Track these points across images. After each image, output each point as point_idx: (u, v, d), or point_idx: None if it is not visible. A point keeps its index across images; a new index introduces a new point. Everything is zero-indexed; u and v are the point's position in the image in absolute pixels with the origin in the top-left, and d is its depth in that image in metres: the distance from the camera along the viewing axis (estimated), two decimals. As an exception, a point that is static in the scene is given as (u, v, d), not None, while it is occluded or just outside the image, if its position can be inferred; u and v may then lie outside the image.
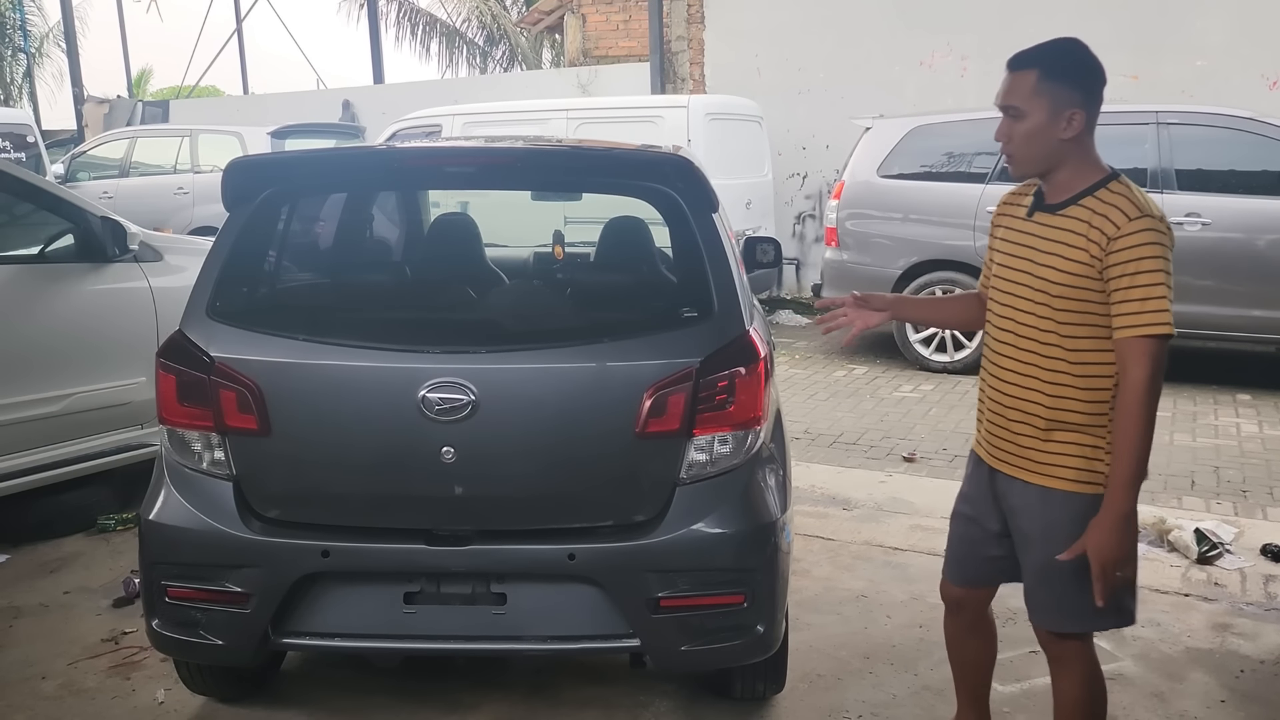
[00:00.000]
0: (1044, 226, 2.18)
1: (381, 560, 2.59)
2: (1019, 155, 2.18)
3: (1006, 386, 2.26)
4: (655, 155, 2.96)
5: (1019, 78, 2.14)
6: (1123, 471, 2.06)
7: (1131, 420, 2.04)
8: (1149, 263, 2.01)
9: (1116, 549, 2.06)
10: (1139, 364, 2.03)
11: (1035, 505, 2.23)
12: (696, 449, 2.55)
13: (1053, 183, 2.18)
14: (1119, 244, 2.03)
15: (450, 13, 22.93)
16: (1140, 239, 2.02)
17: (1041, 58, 2.14)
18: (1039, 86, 2.11)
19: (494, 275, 3.55)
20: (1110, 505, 2.07)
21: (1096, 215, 2.07)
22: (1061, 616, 2.27)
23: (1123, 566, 2.08)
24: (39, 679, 3.21)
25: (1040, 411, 2.19)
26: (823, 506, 4.68)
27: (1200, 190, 6.74)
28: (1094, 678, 2.32)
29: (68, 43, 17.46)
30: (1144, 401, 2.03)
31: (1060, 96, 2.10)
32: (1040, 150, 2.14)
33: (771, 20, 10.64)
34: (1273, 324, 6.65)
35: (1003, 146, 2.20)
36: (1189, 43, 8.74)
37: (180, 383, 2.60)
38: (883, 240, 7.78)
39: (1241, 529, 4.31)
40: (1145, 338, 2.02)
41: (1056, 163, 2.15)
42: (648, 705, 3.02)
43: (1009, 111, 2.16)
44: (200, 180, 11.30)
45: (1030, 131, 2.13)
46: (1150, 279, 2.01)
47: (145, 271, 4.51)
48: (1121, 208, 2.05)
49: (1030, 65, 2.13)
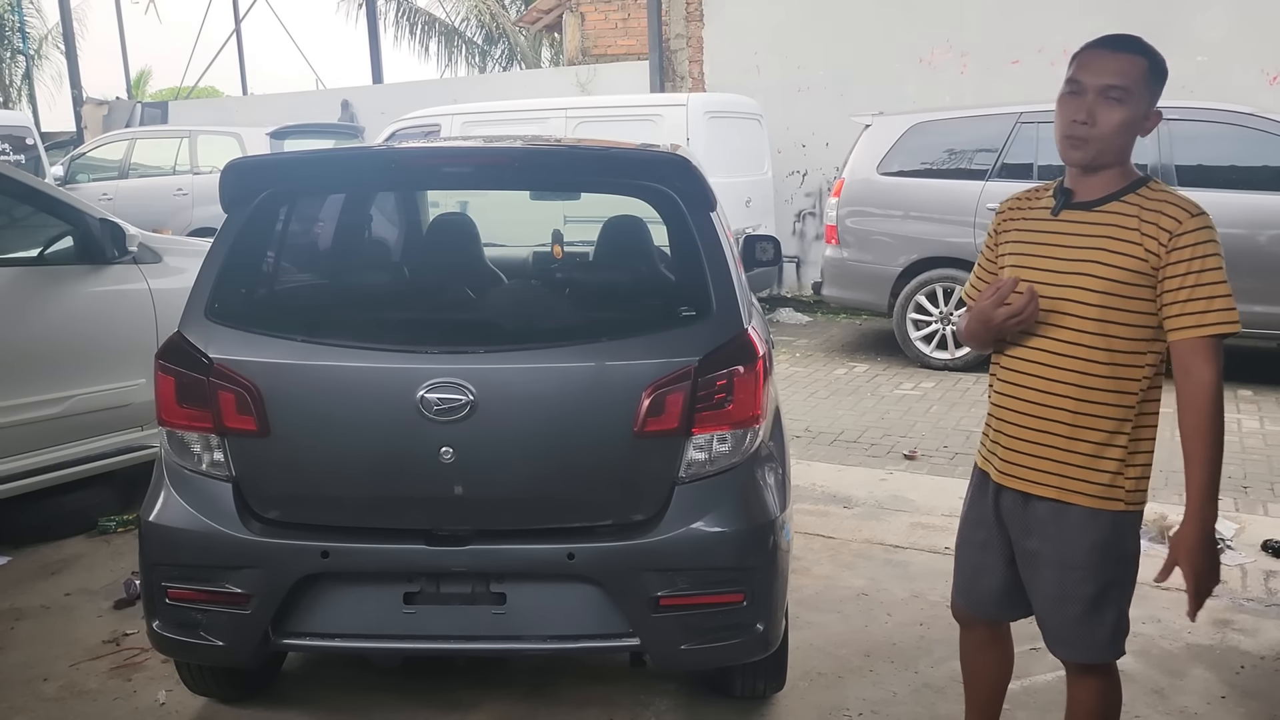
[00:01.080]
0: (1080, 224, 2.07)
1: (381, 560, 2.59)
2: (1101, 140, 2.01)
3: (1025, 392, 2.13)
4: (652, 154, 2.96)
5: (1128, 61, 2.01)
6: (1202, 477, 1.97)
7: (1204, 421, 1.95)
8: (1213, 259, 1.95)
9: (1209, 559, 1.98)
10: (1208, 363, 1.95)
11: (1049, 524, 2.12)
12: (695, 448, 2.54)
13: (1094, 180, 2.07)
14: (1181, 240, 1.95)
15: (449, 12, 22.95)
16: (1203, 235, 1.95)
17: (1149, 51, 2.04)
18: (1148, 79, 2.02)
19: (493, 275, 3.55)
20: (1195, 518, 1.98)
21: (1148, 211, 1.99)
22: (1069, 646, 2.19)
23: (1214, 578, 2.00)
24: (40, 680, 3.21)
25: (1064, 418, 2.07)
26: (823, 504, 4.68)
27: (1201, 186, 6.71)
28: (1111, 691, 2.24)
29: (66, 44, 17.47)
30: (1215, 401, 1.95)
31: (1155, 95, 2.04)
32: (1124, 141, 2.04)
33: (771, 18, 10.63)
34: (1273, 320, 6.64)
35: (1076, 128, 2.02)
36: (1189, 38, 8.72)
37: (179, 384, 2.60)
38: (883, 238, 7.77)
39: (1242, 525, 4.30)
40: (1212, 336, 1.95)
41: (1121, 158, 2.06)
42: (648, 704, 3.02)
43: (1110, 92, 1.99)
44: (199, 181, 11.30)
45: (1127, 120, 2.01)
46: (1215, 276, 1.95)
47: (144, 273, 4.51)
48: (1179, 204, 1.99)
49: (1140, 52, 2.03)
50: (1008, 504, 2.21)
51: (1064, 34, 9.42)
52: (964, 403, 6.61)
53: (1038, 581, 2.18)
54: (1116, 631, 2.15)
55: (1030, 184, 2.25)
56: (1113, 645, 2.15)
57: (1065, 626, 2.16)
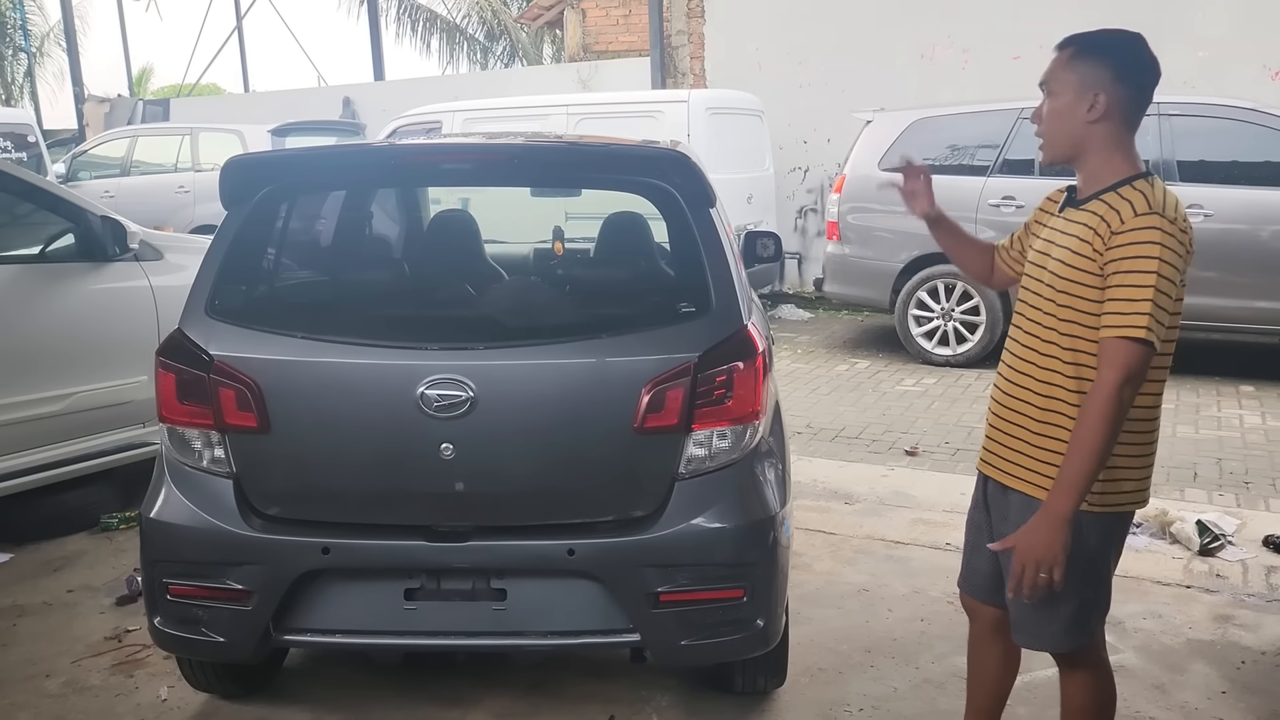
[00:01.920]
0: (1067, 222, 2.10)
1: (382, 557, 2.59)
2: (1044, 135, 2.10)
3: (1006, 385, 2.19)
4: (652, 151, 2.95)
5: (1058, 55, 2.07)
6: (1070, 472, 1.95)
7: (1091, 422, 1.92)
8: (1143, 262, 1.90)
9: (1043, 549, 1.97)
10: (1110, 366, 1.92)
11: (1020, 512, 2.14)
12: (695, 444, 2.55)
13: (1083, 176, 2.09)
14: (1118, 239, 1.93)
15: (450, 8, 22.93)
16: (1140, 236, 1.91)
17: (1081, 37, 2.07)
18: (1070, 63, 2.04)
19: (493, 271, 3.55)
20: (1047, 504, 1.99)
21: (1109, 209, 1.98)
22: (1026, 634, 2.21)
23: (1046, 569, 1.98)
24: (43, 677, 3.22)
25: (1032, 413, 2.11)
26: (824, 501, 4.68)
27: (1203, 182, 6.72)
28: (1102, 685, 2.24)
29: (68, 42, 17.48)
30: (1106, 407, 1.91)
31: (1088, 76, 2.01)
32: (1063, 131, 2.06)
33: (772, 14, 10.62)
34: (1276, 315, 6.64)
35: (1036, 129, 2.12)
36: (1190, 34, 8.71)
37: (180, 381, 2.61)
38: (884, 234, 7.77)
39: (1243, 520, 4.30)
40: (1121, 339, 1.91)
41: (1080, 149, 2.06)
42: (649, 700, 3.02)
43: (1043, 88, 2.09)
44: (201, 179, 11.31)
45: (1056, 110, 2.05)
46: (1140, 280, 1.90)
47: (146, 270, 4.52)
48: (1133, 202, 1.95)
49: (1069, 44, 2.07)
50: (992, 491, 2.27)
51: (1065, 29, 9.37)
52: (965, 399, 6.61)
53: (1008, 567, 2.17)
54: (1073, 624, 2.13)
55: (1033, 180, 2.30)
56: (1067, 637, 2.15)
57: (1022, 614, 2.18)
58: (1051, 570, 1.98)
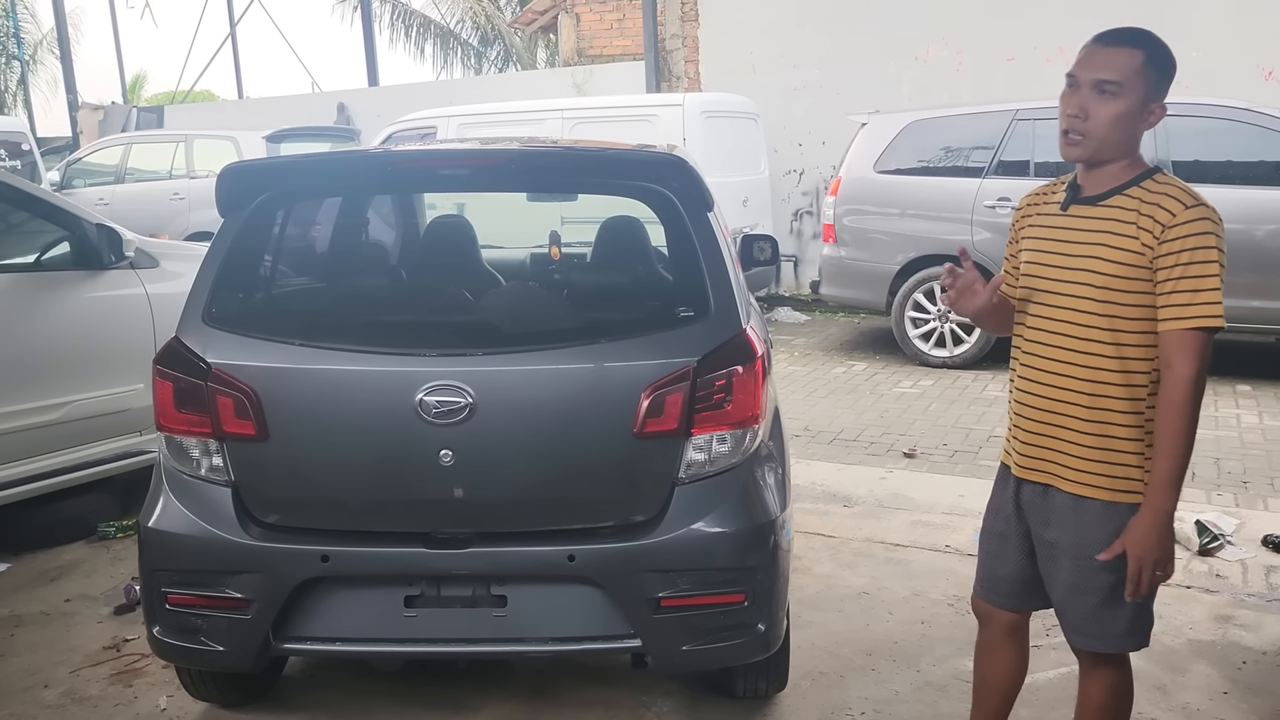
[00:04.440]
0: (1085, 219, 2.08)
1: (381, 564, 2.58)
2: (1098, 135, 2.03)
3: (1041, 389, 2.15)
4: (649, 155, 2.95)
5: (1120, 54, 2.01)
6: (1165, 469, 1.98)
7: (1176, 416, 1.96)
8: (1203, 253, 1.94)
9: (1156, 548, 2.00)
10: (1187, 358, 1.95)
11: (1068, 515, 2.13)
12: (695, 448, 2.54)
13: (1099, 174, 2.08)
14: (1174, 232, 1.95)
15: (444, 14, 22.92)
16: (1196, 228, 1.94)
17: (1147, 42, 2.04)
18: (1143, 70, 2.01)
19: (490, 277, 3.54)
20: (1150, 503, 2.01)
21: (1146, 204, 1.99)
22: (1087, 636, 2.19)
23: (1161, 566, 2.02)
24: (41, 687, 3.21)
25: (1079, 413, 2.09)
26: (823, 503, 4.68)
27: (1197, 181, 6.56)
28: (1122, 685, 2.24)
29: (61, 49, 17.44)
30: (1190, 397, 1.95)
31: (1155, 87, 2.02)
32: (1121, 135, 2.03)
33: (766, 17, 10.63)
34: (1272, 315, 6.66)
35: (1072, 122, 2.05)
36: (1184, 34, 8.68)
37: (177, 389, 2.60)
38: (880, 236, 7.78)
39: (1242, 520, 4.31)
40: (1194, 330, 1.94)
41: (1123, 153, 2.05)
42: (650, 705, 3.02)
43: (1104, 87, 2.01)
44: (196, 185, 11.29)
45: (1121, 114, 2.01)
46: (1204, 269, 1.93)
47: (141, 278, 4.51)
48: (1176, 196, 1.98)
49: (1135, 45, 2.02)
50: (1028, 495, 2.22)
51: (1059, 31, 9.44)
52: (963, 400, 6.61)
53: (1057, 572, 2.18)
54: (1134, 623, 2.14)
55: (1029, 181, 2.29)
56: (1130, 636, 2.16)
57: (1083, 617, 2.17)
58: (1166, 566, 2.02)
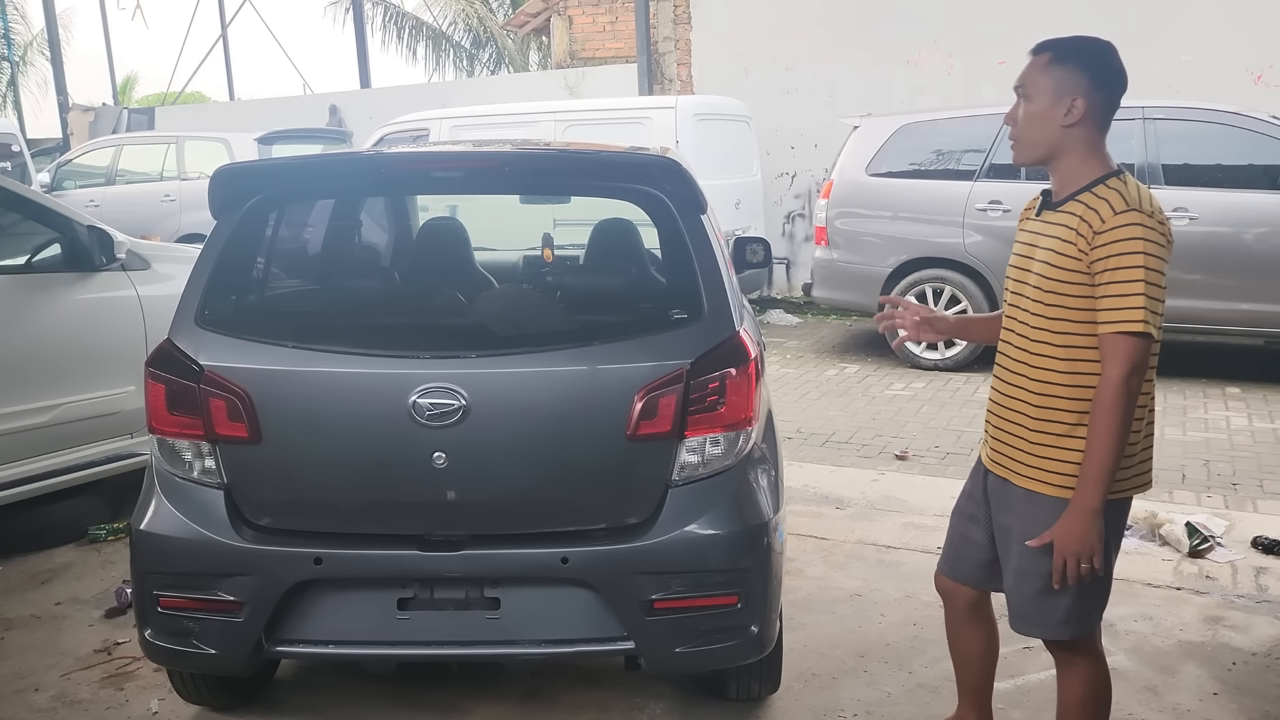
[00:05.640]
0: (1046, 224, 2.17)
1: (374, 566, 2.58)
2: (1019, 138, 2.17)
3: (1002, 386, 2.27)
4: (642, 157, 2.96)
5: (1032, 60, 2.15)
6: (1092, 466, 2.05)
7: (1103, 415, 2.02)
8: (1128, 258, 1.98)
9: (1079, 542, 2.07)
10: (1114, 360, 2.01)
11: (1021, 506, 2.23)
12: (688, 450, 2.54)
13: (1057, 177, 2.17)
14: (1102, 238, 2.01)
15: (436, 16, 22.90)
16: (1123, 234, 1.99)
17: (1057, 42, 2.14)
18: (1048, 69, 2.11)
19: (483, 279, 3.54)
20: (1077, 499, 2.08)
21: (1089, 209, 2.05)
22: (1026, 622, 2.27)
23: (1086, 559, 2.08)
24: (32, 691, 3.19)
25: (1028, 410, 2.19)
26: (815, 506, 4.69)
27: (1187, 185, 6.77)
28: (1098, 679, 2.30)
29: (52, 51, 17.36)
30: (1116, 398, 2.01)
31: (1066, 81, 2.09)
32: (1039, 135, 2.13)
33: (758, 20, 10.65)
34: (1261, 317, 6.69)
35: (1009, 129, 2.20)
36: (1174, 38, 8.78)
37: (169, 392, 2.59)
38: (872, 239, 7.80)
39: (1232, 522, 4.33)
40: (1121, 334, 2.00)
41: (1056, 152, 2.13)
42: (643, 708, 3.02)
43: (1018, 91, 2.16)
44: (187, 187, 11.25)
45: (1033, 113, 2.13)
46: (1128, 275, 1.98)
47: (133, 280, 4.49)
48: (1111, 201, 2.03)
49: (1045, 49, 2.14)
50: (994, 484, 2.35)
51: (1050, 35, 9.50)
52: (954, 403, 6.63)
53: (1008, 557, 2.29)
54: (1072, 613, 2.20)
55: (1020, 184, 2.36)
56: (1066, 625, 2.22)
57: (1023, 602, 2.26)
58: (1092, 559, 2.08)
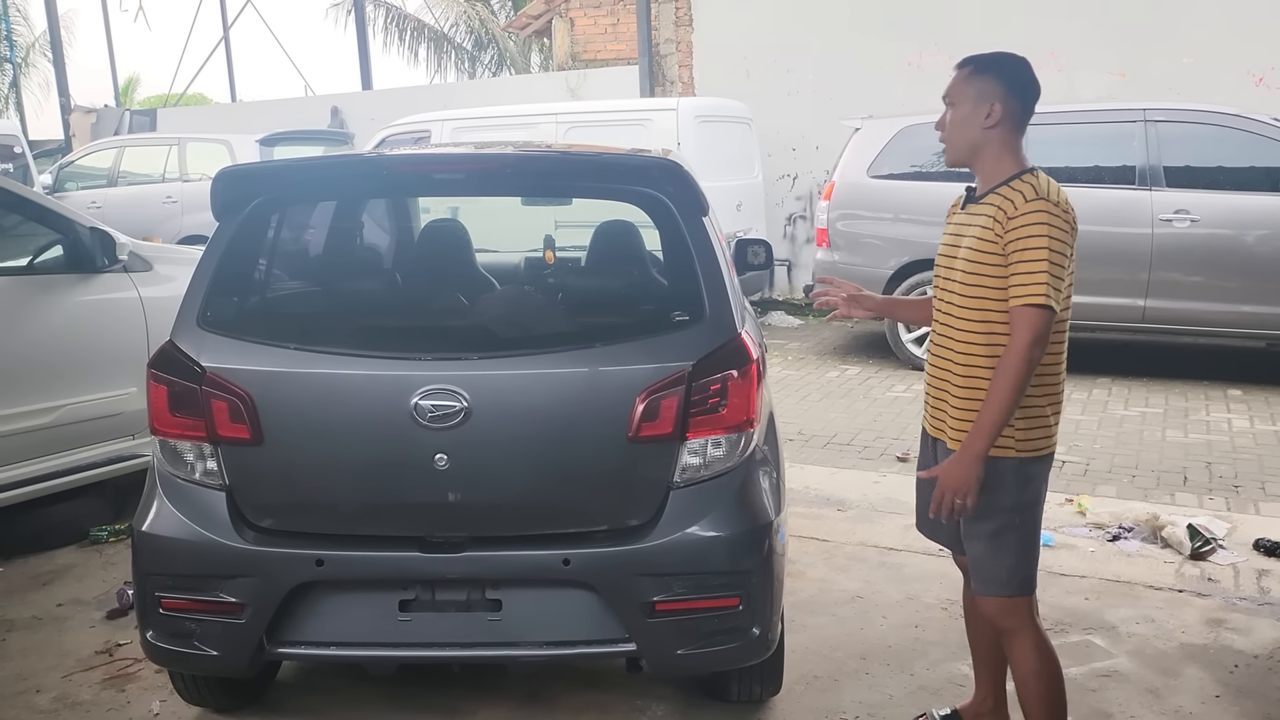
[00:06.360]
0: (971, 215, 2.42)
1: (376, 568, 2.58)
2: (948, 141, 2.44)
3: (934, 359, 2.52)
4: (644, 159, 2.96)
5: (958, 74, 2.43)
6: (985, 417, 2.28)
7: (1003, 376, 2.26)
8: (1035, 240, 2.24)
9: (959, 480, 2.30)
10: (1019, 329, 2.25)
11: None
12: (690, 452, 2.55)
13: (979, 174, 2.43)
14: (1013, 223, 2.26)
15: (438, 18, 22.91)
16: (1032, 219, 2.24)
17: (977, 58, 2.42)
18: (970, 79, 2.39)
19: (485, 281, 3.54)
20: (966, 443, 2.31)
21: (1005, 200, 2.31)
22: (981, 581, 2.46)
23: (961, 496, 2.30)
24: (33, 692, 3.19)
25: (954, 380, 2.42)
26: (817, 508, 4.68)
27: (1188, 187, 6.76)
28: (1042, 645, 2.47)
29: (54, 52, 17.38)
30: (1016, 363, 2.24)
31: (984, 89, 2.35)
32: (964, 137, 2.40)
33: (760, 22, 10.66)
34: (1262, 319, 6.68)
35: (940, 135, 2.46)
36: (1175, 40, 8.77)
37: (171, 393, 2.59)
38: (874, 240, 7.80)
39: (1234, 524, 4.32)
40: (1026, 307, 2.24)
41: (979, 152, 2.39)
42: (644, 710, 3.02)
43: (946, 101, 2.43)
44: (189, 189, 11.26)
45: (957, 119, 2.40)
46: (1034, 255, 2.23)
47: (135, 281, 4.50)
48: (1024, 192, 2.28)
49: (967, 64, 2.42)
50: (940, 452, 2.52)
51: (1050, 37, 9.50)
52: (956, 404, 6.62)
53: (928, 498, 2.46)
54: (1015, 571, 2.41)
55: None
56: (1010, 583, 2.42)
57: (974, 562, 2.48)
58: (965, 498, 2.31)
